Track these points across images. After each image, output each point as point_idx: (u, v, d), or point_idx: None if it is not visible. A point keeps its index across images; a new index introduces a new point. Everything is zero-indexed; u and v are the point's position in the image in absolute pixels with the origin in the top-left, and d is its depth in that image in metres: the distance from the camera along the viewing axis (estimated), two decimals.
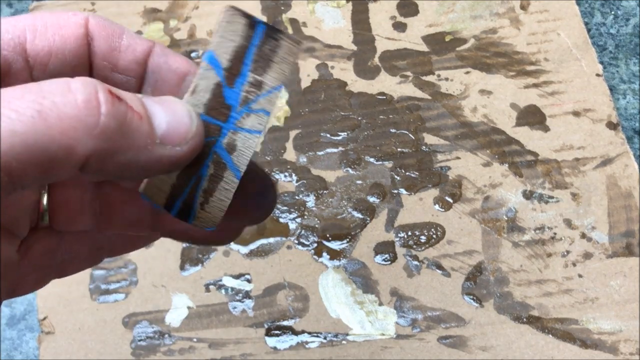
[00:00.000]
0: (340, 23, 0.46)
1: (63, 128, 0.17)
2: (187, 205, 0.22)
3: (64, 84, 0.17)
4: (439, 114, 0.43)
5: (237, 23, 0.22)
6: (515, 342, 0.37)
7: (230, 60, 0.22)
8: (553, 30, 0.45)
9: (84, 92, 0.17)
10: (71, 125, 0.17)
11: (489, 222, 0.40)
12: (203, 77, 0.22)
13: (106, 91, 0.18)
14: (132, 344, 0.37)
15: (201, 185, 0.22)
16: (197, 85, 0.22)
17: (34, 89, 0.17)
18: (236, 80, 0.22)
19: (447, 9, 0.47)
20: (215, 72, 0.22)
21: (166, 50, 0.23)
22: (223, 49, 0.22)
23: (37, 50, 0.21)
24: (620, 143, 0.42)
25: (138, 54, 0.22)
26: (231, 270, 0.39)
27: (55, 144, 0.16)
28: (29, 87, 0.17)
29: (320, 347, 0.37)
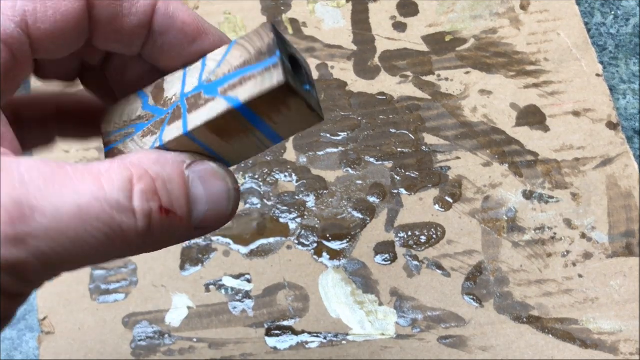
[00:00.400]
0: (340, 23, 0.46)
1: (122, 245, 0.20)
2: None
3: (129, 208, 0.20)
4: (439, 114, 0.43)
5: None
6: (515, 342, 0.37)
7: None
8: (553, 30, 0.45)
9: (142, 213, 0.20)
10: (126, 243, 0.20)
11: (489, 222, 0.40)
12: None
13: (159, 211, 0.20)
14: (132, 344, 0.37)
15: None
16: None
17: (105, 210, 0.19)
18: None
19: (447, 9, 0.47)
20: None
21: (171, 7, 0.22)
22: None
23: (39, 33, 0.20)
24: (620, 143, 0.42)
25: (141, 17, 0.22)
26: (231, 270, 0.39)
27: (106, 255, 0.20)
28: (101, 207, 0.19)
29: (320, 347, 0.37)
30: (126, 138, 0.23)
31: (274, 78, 0.21)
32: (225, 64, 0.22)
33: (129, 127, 0.23)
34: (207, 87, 0.22)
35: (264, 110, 0.22)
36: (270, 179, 0.41)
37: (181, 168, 0.21)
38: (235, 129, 0.22)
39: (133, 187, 0.20)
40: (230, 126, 0.22)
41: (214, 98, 0.22)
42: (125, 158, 0.21)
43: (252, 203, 0.41)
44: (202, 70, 0.23)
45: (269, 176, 0.41)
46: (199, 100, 0.22)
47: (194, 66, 0.23)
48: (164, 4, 0.22)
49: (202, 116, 0.22)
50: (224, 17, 0.47)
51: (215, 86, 0.22)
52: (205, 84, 0.22)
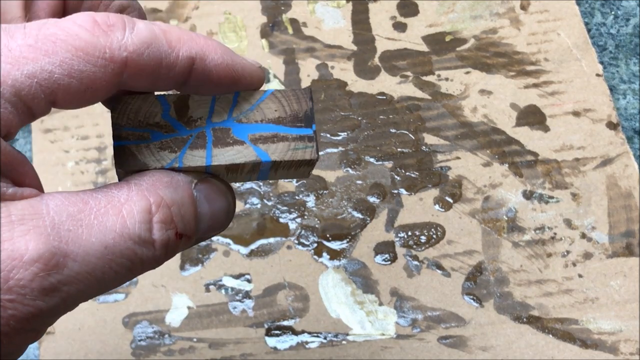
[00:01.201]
0: (341, 23, 0.46)
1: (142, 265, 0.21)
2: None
3: (150, 241, 0.21)
4: (439, 114, 0.43)
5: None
6: (515, 342, 0.37)
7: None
8: (553, 30, 0.45)
9: (161, 244, 0.21)
10: (142, 270, 0.21)
11: (489, 222, 0.40)
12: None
13: (175, 237, 0.21)
14: (132, 344, 0.37)
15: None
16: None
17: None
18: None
19: (447, 9, 0.47)
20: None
21: (208, 62, 0.23)
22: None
23: (65, 103, 0.21)
24: (620, 143, 0.42)
25: (178, 79, 0.22)
26: (231, 270, 0.39)
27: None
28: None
29: (320, 347, 0.37)
30: (141, 142, 0.23)
31: (308, 152, 0.23)
32: (259, 111, 0.24)
33: (144, 131, 0.24)
34: (237, 127, 0.23)
35: (280, 168, 0.24)
36: None
37: (191, 189, 0.22)
38: (245, 169, 0.24)
39: (152, 218, 0.20)
40: (244, 168, 0.24)
41: (244, 143, 0.23)
42: (140, 183, 0.21)
43: (252, 203, 0.41)
44: (233, 106, 0.24)
45: None
46: (227, 138, 0.23)
47: (224, 97, 0.24)
48: (201, 63, 0.22)
49: (229, 157, 0.23)
50: (224, 17, 0.47)
51: (246, 130, 0.23)
52: (236, 122, 0.23)
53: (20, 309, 0.18)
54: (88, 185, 0.41)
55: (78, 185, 0.41)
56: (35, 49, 0.19)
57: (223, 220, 0.23)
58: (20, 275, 0.18)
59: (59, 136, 0.42)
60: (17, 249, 0.18)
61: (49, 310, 0.19)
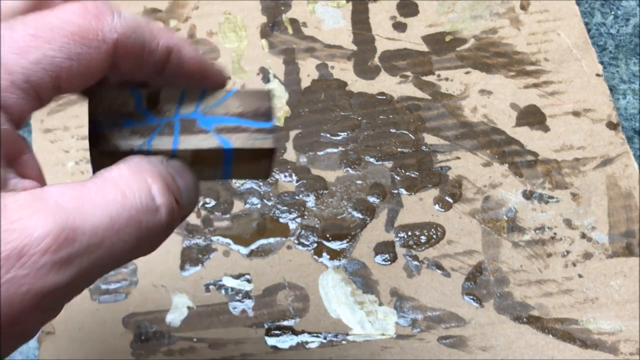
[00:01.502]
0: (340, 23, 0.46)
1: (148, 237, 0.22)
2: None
3: (154, 207, 0.22)
4: (439, 114, 0.43)
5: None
6: (515, 342, 0.37)
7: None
8: (553, 30, 0.45)
9: (165, 208, 0.22)
10: (151, 241, 0.23)
11: (489, 222, 0.40)
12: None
13: (176, 204, 0.23)
14: (132, 344, 0.37)
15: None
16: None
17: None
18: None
19: (447, 9, 0.47)
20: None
21: (182, 55, 0.25)
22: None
23: (68, 85, 0.23)
24: (620, 143, 0.42)
25: (157, 65, 0.25)
26: (231, 271, 0.39)
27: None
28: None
29: (320, 347, 0.37)
30: (114, 127, 0.26)
31: (267, 142, 0.26)
32: (223, 105, 0.26)
33: (118, 118, 0.26)
34: (202, 119, 0.26)
35: (241, 159, 0.26)
36: (270, 179, 0.41)
37: (165, 166, 0.24)
38: (209, 161, 0.26)
39: (150, 188, 0.22)
40: (207, 158, 0.26)
41: (208, 132, 0.26)
42: (127, 164, 0.23)
43: (252, 203, 0.41)
44: (200, 101, 0.26)
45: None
46: (193, 128, 0.26)
47: (192, 91, 0.26)
48: (177, 53, 0.25)
49: (193, 143, 0.25)
50: (224, 17, 0.47)
51: (211, 122, 0.26)
52: (202, 115, 0.26)
53: (35, 284, 0.19)
54: None
55: None
56: (37, 37, 0.21)
57: (193, 196, 0.25)
58: (32, 251, 0.19)
59: (59, 136, 0.42)
60: (27, 227, 0.19)
61: (64, 285, 0.20)
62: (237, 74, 0.45)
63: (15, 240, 0.19)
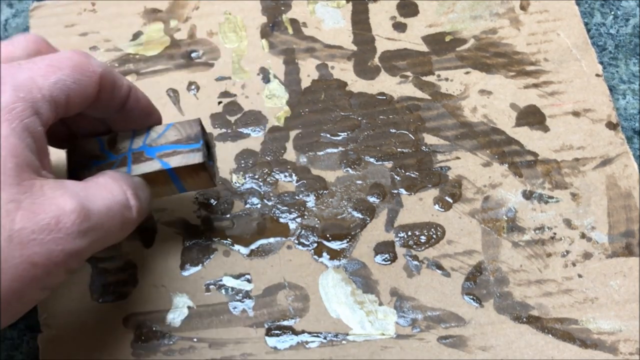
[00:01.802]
0: (340, 23, 0.46)
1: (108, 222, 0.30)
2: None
3: (129, 206, 0.31)
4: (439, 114, 0.43)
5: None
6: (515, 342, 0.37)
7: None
8: (553, 31, 0.45)
9: (135, 209, 0.32)
10: (127, 230, 0.32)
11: (488, 222, 0.40)
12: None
13: (140, 206, 0.32)
14: (132, 344, 0.37)
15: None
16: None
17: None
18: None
19: (447, 9, 0.47)
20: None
21: (138, 93, 0.35)
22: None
23: (73, 108, 0.31)
24: (620, 143, 0.42)
25: (123, 97, 0.33)
26: (231, 271, 0.39)
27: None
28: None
29: (320, 347, 0.37)
30: (85, 169, 0.34)
31: (196, 158, 0.34)
32: (163, 137, 0.35)
33: (88, 161, 0.34)
34: (148, 150, 0.34)
35: (183, 175, 0.35)
36: (270, 179, 0.41)
37: (132, 179, 0.33)
38: (160, 181, 0.35)
39: (126, 192, 0.31)
40: (157, 179, 0.34)
41: (152, 159, 0.34)
42: (108, 174, 0.32)
43: (252, 203, 0.41)
44: (147, 137, 0.35)
45: (269, 176, 0.41)
46: (141, 157, 0.34)
47: (140, 132, 0.35)
48: (134, 92, 0.34)
49: (142, 169, 0.34)
50: (224, 17, 0.47)
51: (154, 151, 0.34)
52: (148, 147, 0.35)
53: (66, 246, 0.26)
54: None
55: None
56: (52, 66, 0.29)
57: (148, 205, 0.33)
58: (65, 220, 0.26)
59: None
60: (60, 203, 0.27)
61: (83, 249, 0.27)
62: (238, 74, 0.45)
63: (54, 211, 0.26)
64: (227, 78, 0.45)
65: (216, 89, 0.44)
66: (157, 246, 0.39)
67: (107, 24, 0.46)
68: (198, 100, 0.44)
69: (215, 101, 0.44)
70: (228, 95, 0.44)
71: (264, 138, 0.42)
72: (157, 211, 0.40)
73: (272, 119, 0.43)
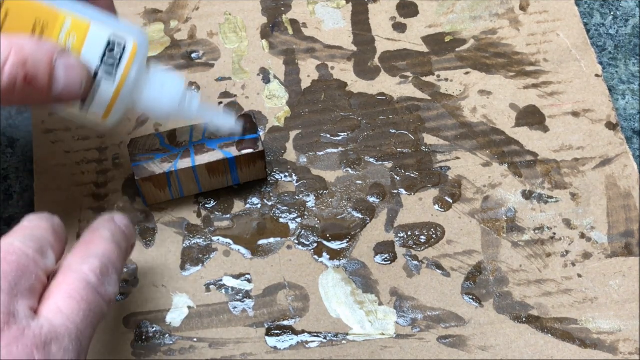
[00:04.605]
0: (340, 24, 0.46)
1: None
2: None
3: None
4: (439, 114, 0.43)
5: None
6: (514, 342, 0.37)
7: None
8: (552, 31, 0.46)
9: (7, 75, 0.30)
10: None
11: (488, 222, 0.40)
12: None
13: (22, 78, 0.30)
14: (132, 344, 0.37)
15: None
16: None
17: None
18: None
19: (447, 9, 0.47)
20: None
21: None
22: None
23: None
24: (619, 143, 0.42)
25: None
26: (231, 270, 0.39)
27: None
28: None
29: (320, 347, 0.37)
30: (149, 161, 0.38)
31: (256, 147, 0.38)
32: (221, 130, 0.38)
33: (150, 154, 0.38)
34: (209, 142, 0.39)
35: (241, 164, 0.39)
36: (270, 178, 0.41)
37: (52, 56, 0.31)
38: (220, 170, 0.39)
39: (8, 57, 0.29)
40: (218, 167, 0.38)
41: (214, 150, 0.38)
42: (9, 35, 0.30)
43: (253, 203, 0.41)
44: (205, 130, 0.39)
45: (269, 176, 0.41)
46: (203, 149, 0.38)
47: (198, 126, 0.39)
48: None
49: (205, 159, 0.38)
50: (224, 17, 0.47)
51: (215, 142, 0.39)
52: (207, 139, 0.39)
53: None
54: (89, 186, 0.41)
55: (79, 186, 0.41)
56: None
57: (77, 89, 0.32)
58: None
59: (60, 137, 0.43)
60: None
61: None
62: (238, 74, 0.45)
63: None
64: (227, 78, 0.45)
65: (216, 90, 0.44)
66: (157, 246, 0.40)
67: None
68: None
69: (216, 102, 0.44)
70: (228, 95, 0.44)
71: (264, 138, 0.43)
72: (157, 211, 0.40)
73: (272, 119, 0.43)
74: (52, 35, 0.32)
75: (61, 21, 0.33)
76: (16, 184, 0.42)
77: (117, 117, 0.35)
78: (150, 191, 0.39)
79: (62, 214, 0.40)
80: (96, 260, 0.29)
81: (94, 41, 0.33)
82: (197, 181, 0.39)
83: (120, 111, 0.34)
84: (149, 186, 0.38)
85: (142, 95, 0.35)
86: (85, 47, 0.33)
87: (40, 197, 0.41)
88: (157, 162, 0.38)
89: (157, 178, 0.38)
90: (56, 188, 0.41)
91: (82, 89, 0.32)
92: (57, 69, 0.31)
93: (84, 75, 0.32)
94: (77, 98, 0.33)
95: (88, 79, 0.32)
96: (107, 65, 0.33)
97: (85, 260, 0.29)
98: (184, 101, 0.36)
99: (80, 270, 0.29)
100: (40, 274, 0.28)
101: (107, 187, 0.41)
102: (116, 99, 0.34)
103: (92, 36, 0.33)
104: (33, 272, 0.27)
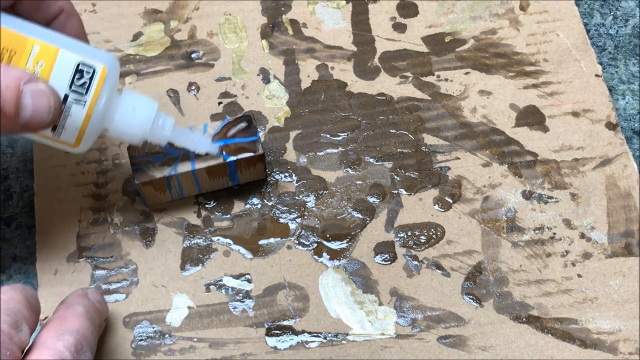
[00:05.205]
0: (340, 24, 0.46)
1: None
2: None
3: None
4: (439, 114, 0.43)
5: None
6: (514, 342, 0.37)
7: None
8: (552, 31, 0.46)
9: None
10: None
11: (488, 222, 0.40)
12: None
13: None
14: (132, 344, 0.37)
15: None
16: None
17: None
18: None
19: (447, 9, 0.47)
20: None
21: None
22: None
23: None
24: (619, 143, 0.42)
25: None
26: (231, 271, 0.39)
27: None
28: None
29: (320, 347, 0.37)
30: (149, 164, 0.38)
31: (256, 150, 0.38)
32: (220, 133, 0.38)
33: (150, 157, 0.38)
34: None
35: (241, 166, 0.38)
36: (270, 179, 0.41)
37: (19, 83, 0.30)
38: (220, 172, 0.38)
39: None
40: (218, 170, 0.38)
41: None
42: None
43: (253, 203, 0.41)
44: (204, 133, 0.38)
45: (269, 176, 0.41)
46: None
47: (197, 128, 0.39)
48: (64, 19, 0.35)
49: (205, 162, 0.38)
50: (224, 17, 0.47)
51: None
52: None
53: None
54: (89, 186, 0.41)
55: (79, 186, 0.41)
56: None
57: (44, 116, 0.31)
58: None
59: None
60: None
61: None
62: (238, 74, 0.45)
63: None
64: (227, 79, 0.45)
65: (216, 90, 0.44)
66: (157, 246, 0.40)
67: (108, 25, 0.46)
68: (198, 100, 0.44)
69: (216, 102, 0.44)
70: (228, 95, 0.44)
71: (264, 138, 0.43)
72: (157, 211, 0.40)
73: (272, 120, 0.43)
74: (19, 62, 0.32)
75: (29, 47, 0.32)
76: (16, 184, 0.42)
77: (89, 142, 0.34)
78: (150, 194, 0.39)
79: (62, 214, 0.40)
80: (70, 337, 0.29)
81: (63, 67, 0.33)
82: (197, 183, 0.39)
83: (92, 136, 0.34)
84: (149, 189, 0.38)
85: (114, 119, 0.34)
86: (54, 73, 0.32)
87: (40, 197, 0.41)
88: (156, 166, 0.37)
89: (157, 182, 0.38)
90: (56, 188, 0.41)
91: (50, 115, 0.32)
92: (24, 96, 0.30)
93: (53, 101, 0.32)
94: (46, 125, 0.32)
95: (57, 105, 0.32)
96: (77, 91, 0.33)
97: (60, 337, 0.29)
98: (157, 125, 0.35)
99: (55, 347, 0.29)
100: (15, 349, 0.28)
101: (107, 187, 0.41)
102: (87, 124, 0.33)
103: (61, 62, 0.33)
104: (8, 348, 0.27)
